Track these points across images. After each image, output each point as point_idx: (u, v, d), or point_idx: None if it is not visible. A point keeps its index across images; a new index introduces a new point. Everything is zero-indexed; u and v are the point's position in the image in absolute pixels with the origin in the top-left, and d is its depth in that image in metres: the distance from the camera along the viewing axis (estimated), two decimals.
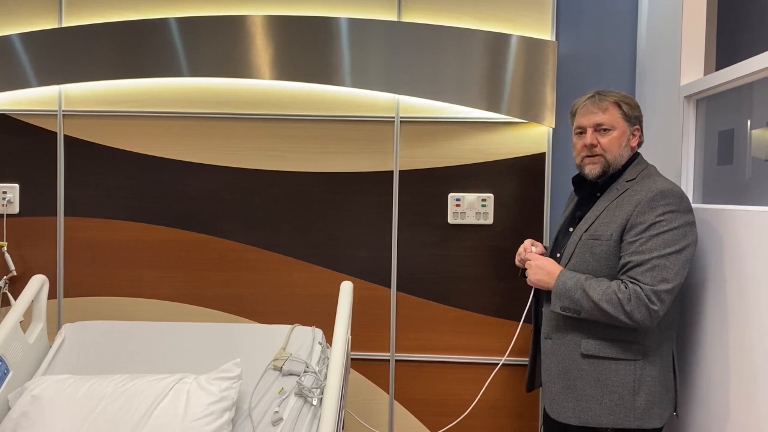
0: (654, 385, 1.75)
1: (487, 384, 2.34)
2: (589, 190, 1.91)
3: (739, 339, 1.65)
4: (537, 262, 1.89)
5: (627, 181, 1.81)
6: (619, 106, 1.82)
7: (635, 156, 1.87)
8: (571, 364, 1.81)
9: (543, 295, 1.93)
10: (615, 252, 1.76)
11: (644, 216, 1.71)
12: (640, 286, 1.67)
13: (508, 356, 2.27)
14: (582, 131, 1.86)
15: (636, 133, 1.86)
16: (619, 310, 1.68)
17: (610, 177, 1.85)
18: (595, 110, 1.82)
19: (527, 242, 2.00)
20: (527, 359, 2.42)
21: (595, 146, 1.82)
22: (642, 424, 1.75)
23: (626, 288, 1.68)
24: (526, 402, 2.50)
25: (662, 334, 1.77)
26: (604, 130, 1.82)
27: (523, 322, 2.12)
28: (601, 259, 1.77)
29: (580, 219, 1.88)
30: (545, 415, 1.94)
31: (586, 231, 1.82)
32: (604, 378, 1.76)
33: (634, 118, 1.85)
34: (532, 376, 2.05)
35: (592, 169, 1.84)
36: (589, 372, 1.78)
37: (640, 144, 1.89)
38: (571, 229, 1.91)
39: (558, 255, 1.91)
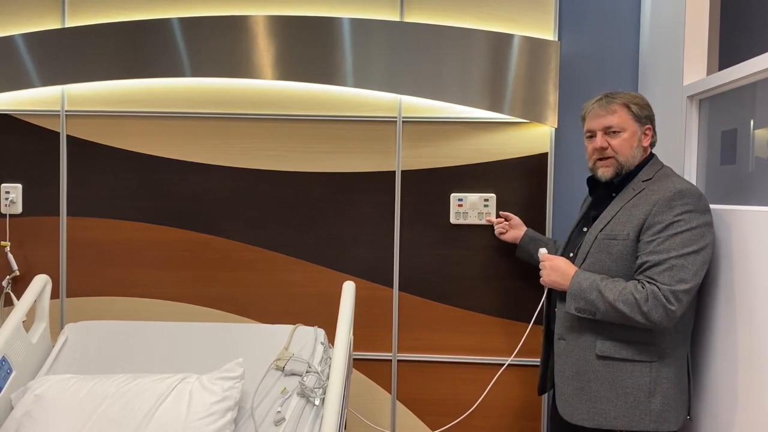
0: (670, 387, 1.73)
1: (491, 384, 2.34)
2: (603, 191, 1.91)
3: (747, 341, 1.64)
4: (551, 263, 1.87)
5: (643, 181, 1.80)
6: (628, 108, 1.83)
7: (650, 156, 1.87)
8: (585, 365, 1.79)
9: (555, 296, 1.91)
10: (632, 251, 1.74)
11: (662, 215, 1.69)
12: (657, 286, 1.65)
13: (512, 357, 2.27)
14: (592, 135, 1.88)
15: (648, 132, 1.86)
16: (636, 311, 1.66)
17: (624, 177, 1.85)
18: (603, 113, 1.84)
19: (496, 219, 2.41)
20: (530, 360, 2.44)
21: (606, 149, 1.84)
22: (657, 427, 1.73)
23: (643, 288, 1.66)
24: (528, 402, 2.50)
25: (678, 336, 1.75)
26: (614, 132, 1.83)
27: (534, 323, 2.11)
28: (618, 259, 1.76)
29: (594, 219, 1.87)
30: (552, 416, 1.92)
31: (601, 231, 1.80)
32: (619, 380, 1.74)
33: (644, 117, 1.85)
34: (543, 379, 2.03)
35: (605, 172, 1.86)
36: (604, 374, 1.76)
37: (653, 143, 1.88)
38: (585, 229, 1.89)
39: (571, 255, 1.90)
